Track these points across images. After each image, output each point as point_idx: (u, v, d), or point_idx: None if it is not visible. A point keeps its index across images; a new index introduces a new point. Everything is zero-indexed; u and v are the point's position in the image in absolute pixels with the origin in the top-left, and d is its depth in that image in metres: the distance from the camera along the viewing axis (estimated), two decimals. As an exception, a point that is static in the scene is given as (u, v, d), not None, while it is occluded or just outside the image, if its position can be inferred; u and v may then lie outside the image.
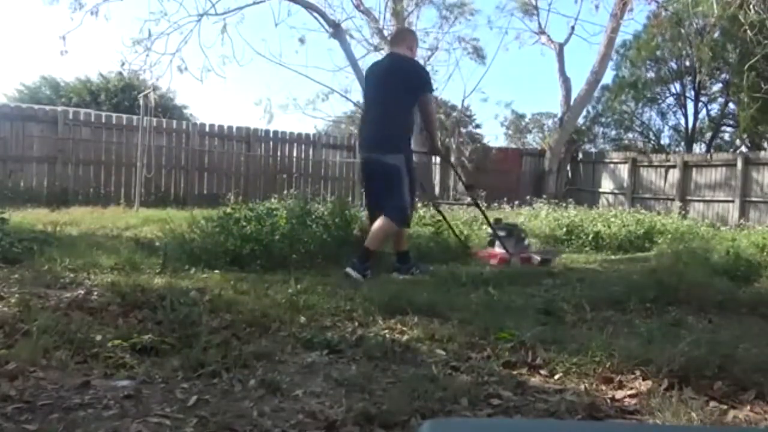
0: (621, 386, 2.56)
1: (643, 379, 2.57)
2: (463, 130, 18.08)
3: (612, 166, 15.65)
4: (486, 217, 6.58)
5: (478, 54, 15.92)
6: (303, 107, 14.72)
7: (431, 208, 7.52)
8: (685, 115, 20.70)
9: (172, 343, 2.69)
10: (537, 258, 6.04)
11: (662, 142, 21.37)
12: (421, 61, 14.99)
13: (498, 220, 7.04)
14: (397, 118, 4.86)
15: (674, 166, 14.20)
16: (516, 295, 4.25)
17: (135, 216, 9.02)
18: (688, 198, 13.80)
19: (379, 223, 4.82)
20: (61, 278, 3.80)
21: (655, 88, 20.61)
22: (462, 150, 15.23)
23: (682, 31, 16.83)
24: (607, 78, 18.44)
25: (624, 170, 15.19)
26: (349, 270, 4.59)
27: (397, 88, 4.87)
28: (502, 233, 6.30)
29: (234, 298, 3.54)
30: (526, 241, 6.47)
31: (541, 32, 15.71)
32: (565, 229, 8.33)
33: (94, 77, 21.35)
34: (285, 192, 10.30)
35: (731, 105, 19.49)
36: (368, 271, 4.70)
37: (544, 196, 12.79)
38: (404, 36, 5.42)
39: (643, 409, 2.32)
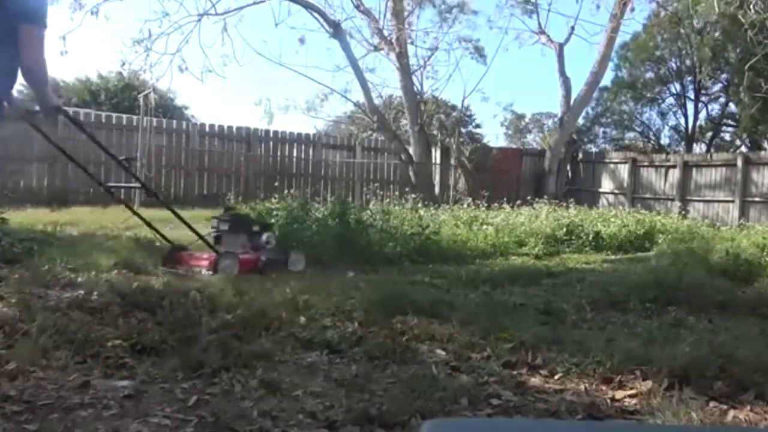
0: (621, 386, 2.56)
1: (643, 379, 2.57)
2: (463, 130, 18.07)
3: (612, 166, 15.64)
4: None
5: (480, 54, 15.91)
6: (303, 109, 14.73)
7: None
8: (685, 115, 20.70)
9: (172, 343, 2.69)
10: (263, 259, 4.89)
11: (662, 142, 21.37)
12: (421, 61, 15.24)
13: (229, 209, 5.65)
14: None
15: (674, 166, 14.18)
16: (516, 295, 4.25)
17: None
18: (688, 198, 13.79)
19: None
20: (61, 278, 3.80)
21: (655, 88, 20.59)
22: (462, 150, 15.19)
23: (682, 30, 16.85)
24: (607, 78, 18.44)
25: (624, 170, 15.18)
26: None
27: None
28: (225, 227, 5.13)
29: (234, 298, 3.54)
30: (264, 237, 5.11)
31: (541, 32, 15.68)
32: (565, 229, 8.32)
33: (94, 77, 21.34)
34: (285, 192, 10.30)
35: (731, 105, 19.49)
36: None
37: (545, 196, 12.76)
38: None
39: (643, 409, 2.32)
